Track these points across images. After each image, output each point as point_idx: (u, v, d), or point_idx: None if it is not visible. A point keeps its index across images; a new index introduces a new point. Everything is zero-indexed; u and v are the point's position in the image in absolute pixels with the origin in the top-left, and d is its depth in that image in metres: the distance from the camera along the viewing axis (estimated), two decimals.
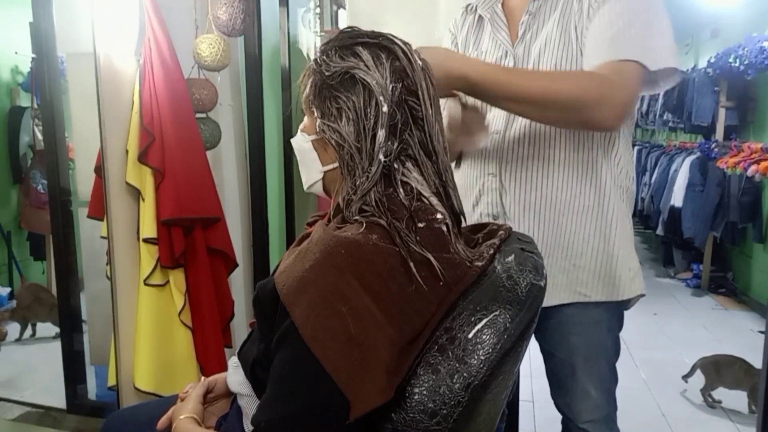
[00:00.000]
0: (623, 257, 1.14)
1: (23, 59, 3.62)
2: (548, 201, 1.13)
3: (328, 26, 2.94)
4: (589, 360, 1.17)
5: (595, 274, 1.14)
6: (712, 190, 4.10)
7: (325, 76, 0.81)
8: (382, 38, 0.82)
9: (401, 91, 0.80)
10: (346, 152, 0.80)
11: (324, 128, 0.81)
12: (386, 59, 0.80)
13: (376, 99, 0.78)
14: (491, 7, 1.20)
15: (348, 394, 0.67)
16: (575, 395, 1.19)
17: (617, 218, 1.14)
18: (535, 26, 1.14)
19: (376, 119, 0.78)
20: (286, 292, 0.73)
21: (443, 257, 0.76)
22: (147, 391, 1.76)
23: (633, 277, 1.16)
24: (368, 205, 0.76)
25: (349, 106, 0.79)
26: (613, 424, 1.23)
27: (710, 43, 4.97)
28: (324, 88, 0.81)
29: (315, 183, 0.88)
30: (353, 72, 0.79)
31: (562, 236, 1.13)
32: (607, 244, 1.13)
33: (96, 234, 2.00)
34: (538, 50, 1.12)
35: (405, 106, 0.80)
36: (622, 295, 1.15)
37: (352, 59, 0.80)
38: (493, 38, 1.19)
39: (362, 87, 0.79)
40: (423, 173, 0.82)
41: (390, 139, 0.79)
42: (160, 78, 1.74)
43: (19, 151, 3.72)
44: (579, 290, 1.14)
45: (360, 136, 0.79)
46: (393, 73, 0.80)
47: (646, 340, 3.31)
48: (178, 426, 0.89)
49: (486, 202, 1.19)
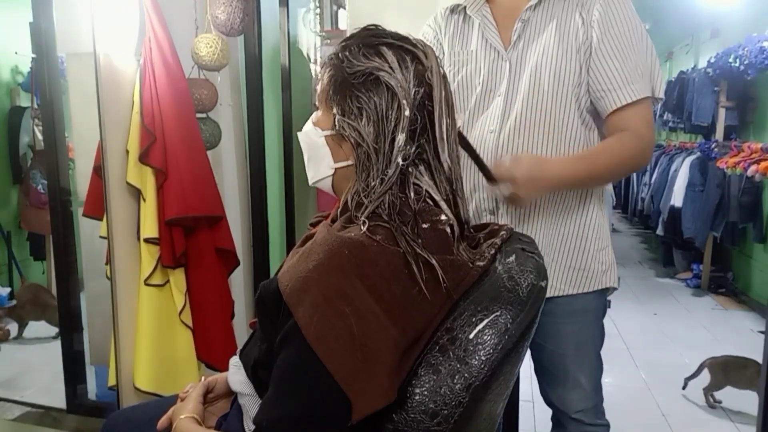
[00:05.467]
0: (597, 252, 1.22)
1: (23, 59, 3.62)
2: (539, 201, 1.19)
3: (328, 26, 2.94)
4: (580, 348, 1.24)
5: (570, 269, 1.21)
6: (712, 190, 4.10)
7: (348, 74, 0.80)
8: (407, 40, 0.83)
9: (422, 95, 0.80)
10: (363, 152, 0.79)
11: (344, 125, 0.81)
12: (410, 62, 0.80)
13: (399, 102, 0.78)
14: (480, 10, 1.22)
15: (350, 395, 0.67)
16: (567, 384, 1.24)
17: (595, 216, 1.22)
18: (527, 34, 1.18)
19: (397, 122, 0.78)
20: (289, 293, 0.72)
21: (446, 258, 0.76)
22: (147, 391, 1.76)
23: (605, 270, 1.24)
24: (380, 207, 0.76)
25: (370, 106, 0.79)
26: (601, 415, 1.28)
27: (710, 43, 4.97)
28: (345, 86, 0.81)
29: (323, 179, 0.87)
30: (378, 74, 0.79)
31: (547, 233, 1.20)
32: (584, 241, 1.21)
33: (96, 234, 2.00)
34: (536, 60, 1.15)
35: (425, 111, 0.81)
36: (593, 287, 1.22)
37: (377, 59, 0.80)
38: (484, 40, 1.21)
39: (386, 89, 0.79)
40: (435, 179, 0.82)
41: (408, 143, 0.79)
42: (161, 78, 1.74)
43: (19, 151, 3.71)
44: (555, 284, 1.21)
45: (379, 137, 0.78)
46: (415, 77, 0.80)
47: (646, 340, 3.31)
48: (179, 426, 0.89)
49: (480, 197, 1.22)
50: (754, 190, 3.92)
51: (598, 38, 1.13)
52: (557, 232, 1.20)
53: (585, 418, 1.24)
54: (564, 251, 1.21)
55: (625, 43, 1.12)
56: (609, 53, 1.12)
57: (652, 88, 1.15)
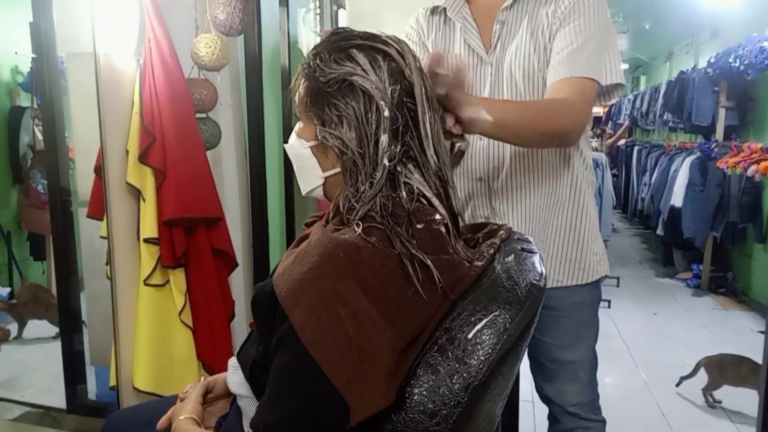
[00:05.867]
0: (590, 243, 1.25)
1: (23, 59, 3.62)
2: (532, 198, 1.21)
3: (328, 26, 2.94)
4: (578, 340, 1.26)
5: (567, 261, 1.23)
6: (712, 190, 4.10)
7: (322, 83, 0.79)
8: (376, 39, 0.81)
9: (400, 92, 0.79)
10: (348, 158, 0.79)
11: (326, 135, 0.80)
12: (383, 61, 0.79)
13: (376, 104, 0.77)
14: (460, 12, 1.22)
15: (347, 398, 0.66)
16: (564, 377, 1.26)
17: (587, 209, 1.25)
18: (505, 34, 1.19)
19: (377, 124, 0.77)
20: (284, 295, 0.72)
21: (442, 258, 0.76)
22: (147, 391, 1.76)
23: (599, 260, 1.26)
24: (373, 210, 0.75)
25: (349, 112, 0.78)
26: (597, 411, 1.29)
27: (710, 43, 4.97)
28: (321, 95, 0.80)
29: (315, 188, 0.87)
30: (351, 78, 0.78)
31: (541, 228, 1.22)
32: (578, 233, 1.23)
33: (96, 234, 2.00)
34: (510, 61, 1.17)
35: (404, 108, 0.79)
36: (591, 278, 1.25)
37: (349, 64, 0.79)
38: (466, 44, 1.22)
39: (361, 93, 0.78)
40: (424, 174, 0.81)
41: (393, 142, 0.78)
42: (160, 78, 1.74)
43: (19, 151, 3.71)
44: (553, 277, 1.23)
45: (363, 141, 0.78)
46: (390, 76, 0.79)
47: (646, 340, 3.31)
48: (178, 426, 0.89)
49: (475, 204, 1.25)
50: (754, 190, 3.92)
51: (557, 27, 1.14)
52: (552, 224, 1.22)
53: (581, 413, 1.25)
54: (559, 243, 1.23)
55: (580, 28, 1.12)
56: (562, 37, 1.13)
57: (603, 75, 1.13)
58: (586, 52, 1.11)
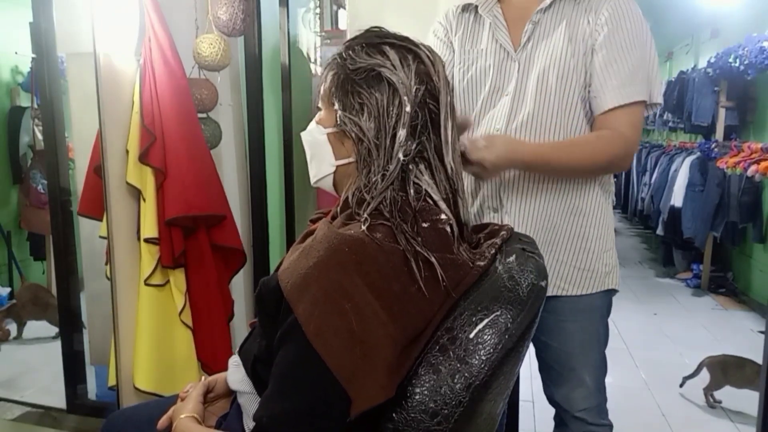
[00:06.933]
0: (600, 253, 1.22)
1: (23, 59, 3.61)
2: (544, 199, 1.19)
3: (328, 26, 2.95)
4: (584, 347, 1.24)
5: (574, 269, 1.21)
6: (712, 190, 4.10)
7: (350, 71, 0.82)
8: (409, 41, 0.84)
9: (424, 93, 0.81)
10: (364, 147, 0.80)
11: (345, 120, 0.82)
12: (412, 61, 0.81)
13: (400, 98, 0.79)
14: (491, 10, 1.23)
15: (350, 390, 0.67)
16: (571, 383, 1.24)
17: (602, 218, 1.23)
18: (536, 36, 1.18)
19: (398, 118, 0.79)
20: (290, 289, 0.73)
21: (446, 257, 0.76)
22: (147, 391, 1.76)
23: (608, 272, 1.24)
24: (382, 204, 0.76)
25: (372, 102, 0.80)
26: (604, 415, 1.28)
27: (710, 43, 4.97)
28: (347, 82, 0.82)
29: (325, 177, 0.88)
30: (379, 70, 0.80)
31: (550, 232, 1.20)
32: (589, 242, 1.21)
33: (96, 234, 2.00)
34: (544, 61, 1.16)
35: (426, 108, 0.81)
36: (596, 288, 1.22)
37: (379, 57, 0.81)
38: (494, 40, 1.21)
39: (387, 85, 0.80)
40: (435, 177, 0.82)
41: (409, 139, 0.80)
42: (161, 78, 1.74)
43: (19, 151, 3.71)
44: (558, 284, 1.21)
45: (380, 133, 0.79)
46: (417, 75, 0.81)
47: (646, 340, 3.30)
48: (179, 425, 0.89)
49: (484, 195, 1.23)
50: (754, 190, 3.92)
51: (601, 41, 1.13)
52: (561, 231, 1.20)
53: (588, 417, 1.24)
54: (568, 251, 1.21)
55: (627, 47, 1.12)
56: (609, 56, 1.13)
57: (649, 93, 1.15)
58: (638, 73, 1.13)
